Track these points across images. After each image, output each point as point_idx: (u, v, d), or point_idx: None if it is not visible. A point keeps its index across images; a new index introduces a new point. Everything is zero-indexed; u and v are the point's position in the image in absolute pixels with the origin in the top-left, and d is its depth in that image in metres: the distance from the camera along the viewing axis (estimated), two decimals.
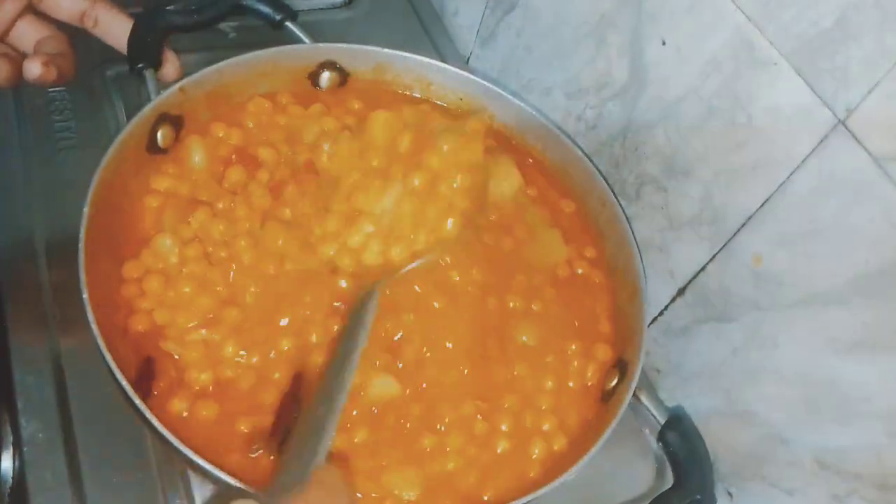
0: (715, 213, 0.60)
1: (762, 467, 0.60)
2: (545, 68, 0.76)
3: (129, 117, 0.70)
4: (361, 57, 0.70)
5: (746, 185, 0.57)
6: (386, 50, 0.70)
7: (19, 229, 0.63)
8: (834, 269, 0.52)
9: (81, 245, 0.52)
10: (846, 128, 0.49)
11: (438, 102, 0.72)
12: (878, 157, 0.48)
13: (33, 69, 0.54)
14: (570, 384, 0.59)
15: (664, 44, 0.61)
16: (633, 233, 0.63)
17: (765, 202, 0.56)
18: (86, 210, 0.54)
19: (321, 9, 0.84)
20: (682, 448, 0.53)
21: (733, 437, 0.63)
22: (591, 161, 0.67)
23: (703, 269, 0.62)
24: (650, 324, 0.67)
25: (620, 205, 0.65)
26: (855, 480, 0.53)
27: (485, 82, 0.70)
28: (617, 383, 0.58)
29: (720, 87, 0.57)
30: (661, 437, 0.55)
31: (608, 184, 0.66)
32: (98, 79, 0.74)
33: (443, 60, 0.85)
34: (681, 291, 0.65)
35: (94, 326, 0.49)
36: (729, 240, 0.59)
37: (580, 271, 0.65)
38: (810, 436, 0.56)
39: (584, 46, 0.70)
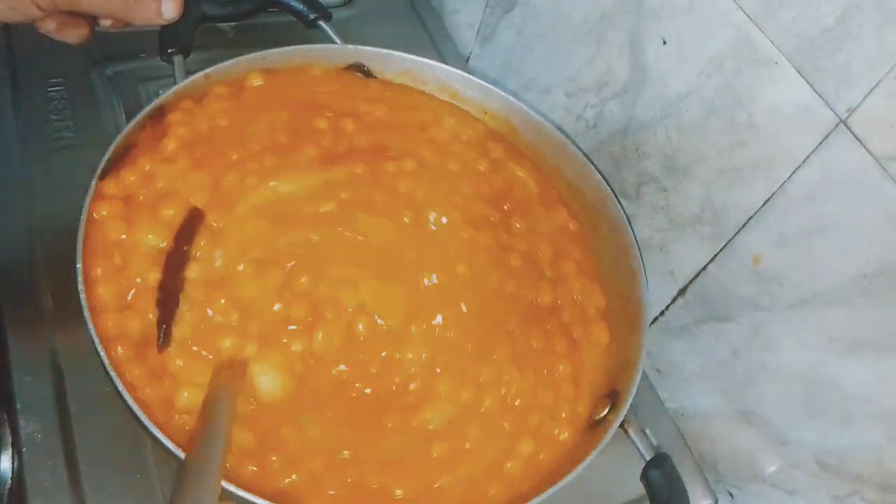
0: (715, 213, 0.60)
1: (763, 468, 0.60)
2: (545, 67, 0.76)
3: (128, 116, 0.70)
4: (390, 61, 0.70)
5: (747, 185, 0.57)
6: (414, 57, 0.70)
7: (17, 228, 0.63)
8: (835, 268, 0.52)
9: (83, 217, 0.52)
10: (847, 127, 0.49)
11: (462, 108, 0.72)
12: (879, 157, 0.47)
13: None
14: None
15: (665, 43, 0.61)
16: (644, 271, 0.61)
17: (765, 202, 0.55)
18: (93, 183, 0.54)
19: None
20: (664, 488, 0.53)
21: (734, 438, 0.62)
22: (610, 187, 0.65)
23: (703, 269, 0.62)
24: (651, 324, 0.67)
25: (636, 237, 0.63)
26: (856, 481, 0.53)
27: (509, 96, 0.69)
28: (606, 414, 0.57)
29: (721, 87, 0.57)
30: (644, 473, 0.54)
31: (629, 222, 0.64)
32: (97, 78, 0.74)
33: (442, 59, 0.85)
34: (681, 291, 0.65)
35: (90, 326, 0.49)
36: (729, 240, 0.59)
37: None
38: (811, 436, 0.56)
39: (584, 45, 0.70)
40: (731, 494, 0.64)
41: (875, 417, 0.51)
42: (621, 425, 0.55)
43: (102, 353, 0.49)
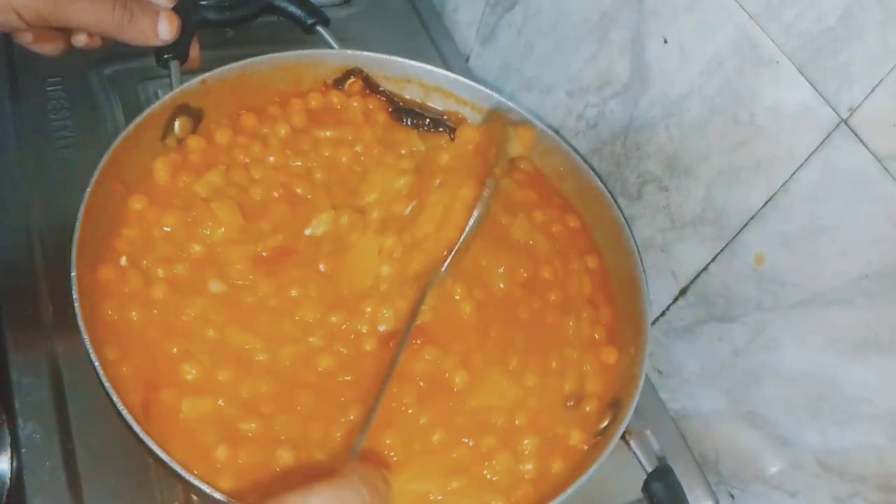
0: (717, 213, 0.60)
1: (764, 469, 0.60)
2: (546, 66, 0.76)
3: (127, 116, 0.70)
4: (389, 67, 0.69)
5: (749, 185, 0.56)
6: (413, 62, 0.69)
7: (16, 229, 0.63)
8: (836, 268, 0.52)
9: (78, 225, 0.52)
10: (849, 127, 0.49)
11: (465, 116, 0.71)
12: (881, 156, 0.47)
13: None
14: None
15: (666, 42, 0.61)
16: (646, 285, 0.61)
17: (767, 201, 0.55)
18: (88, 191, 0.53)
19: (320, 7, 0.83)
20: (666, 501, 0.53)
21: (735, 438, 0.62)
22: (617, 205, 0.65)
23: (705, 268, 0.62)
24: (652, 324, 0.66)
25: (641, 260, 0.62)
26: (857, 482, 0.53)
27: (512, 104, 0.69)
28: (608, 424, 0.56)
29: (722, 86, 0.57)
30: (646, 486, 0.54)
31: (630, 227, 0.64)
32: (95, 77, 0.74)
33: (442, 59, 0.85)
34: (683, 291, 0.64)
35: (85, 338, 0.49)
36: (731, 239, 0.59)
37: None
38: (813, 437, 0.55)
39: (585, 44, 0.70)
40: (732, 495, 0.64)
41: (877, 418, 0.51)
42: (623, 436, 0.54)
43: (97, 364, 0.48)
